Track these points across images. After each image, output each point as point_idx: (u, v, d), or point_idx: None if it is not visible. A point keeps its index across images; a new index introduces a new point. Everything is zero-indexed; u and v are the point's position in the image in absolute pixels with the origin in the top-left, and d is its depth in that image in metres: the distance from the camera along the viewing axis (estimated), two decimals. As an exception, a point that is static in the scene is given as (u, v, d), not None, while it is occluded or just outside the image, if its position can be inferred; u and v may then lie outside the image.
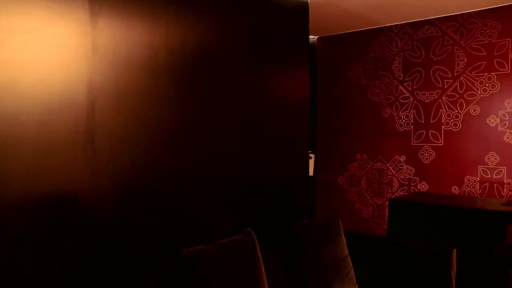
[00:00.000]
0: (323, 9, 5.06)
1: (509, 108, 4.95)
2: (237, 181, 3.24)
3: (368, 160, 6.00)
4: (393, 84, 5.77)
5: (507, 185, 4.97)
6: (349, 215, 6.14)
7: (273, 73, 3.69)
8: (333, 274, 2.85)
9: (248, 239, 2.49)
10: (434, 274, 2.88)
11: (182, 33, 2.86)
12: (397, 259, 3.05)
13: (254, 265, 2.41)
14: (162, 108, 2.73)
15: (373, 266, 3.12)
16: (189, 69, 2.91)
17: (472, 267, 3.71)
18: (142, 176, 2.62)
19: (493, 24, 5.05)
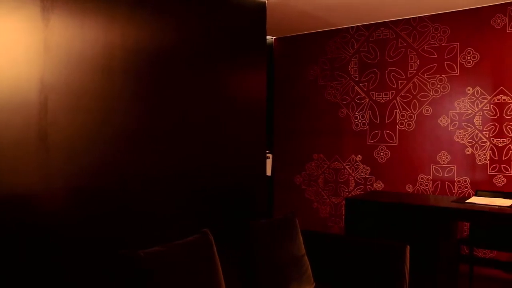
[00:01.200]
0: (280, 10, 5.10)
1: (458, 109, 5.12)
2: (194, 181, 3.22)
3: (325, 160, 6.08)
4: (349, 84, 5.87)
5: (457, 183, 5.14)
6: (307, 215, 6.20)
7: (230, 73, 3.69)
8: (290, 273, 2.87)
9: (205, 239, 2.47)
10: (389, 270, 2.95)
11: (138, 32, 2.82)
12: (353, 256, 3.10)
13: (211, 266, 2.40)
14: (118, 108, 2.68)
15: (330, 264, 3.16)
16: (146, 69, 2.87)
17: (424, 262, 3.81)
18: (97, 177, 2.57)
19: (443, 28, 5.22)
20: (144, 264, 2.10)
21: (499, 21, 4.90)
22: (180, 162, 3.12)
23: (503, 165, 4.89)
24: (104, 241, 2.59)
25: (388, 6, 5.03)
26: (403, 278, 2.92)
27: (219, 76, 3.54)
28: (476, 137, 5.02)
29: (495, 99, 4.93)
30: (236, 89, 3.76)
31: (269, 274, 2.79)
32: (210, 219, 3.29)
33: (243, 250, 2.86)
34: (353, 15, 5.39)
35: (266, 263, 2.81)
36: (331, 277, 3.14)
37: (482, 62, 5.00)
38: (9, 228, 2.17)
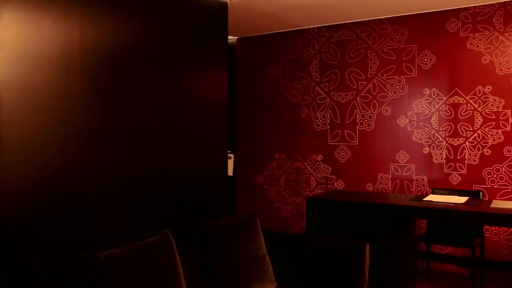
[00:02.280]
0: (242, 10, 5.10)
1: (416, 109, 5.25)
2: (155, 182, 3.18)
3: (287, 160, 6.12)
4: (310, 85, 5.93)
5: (416, 181, 5.27)
6: (269, 214, 6.23)
7: (192, 73, 3.66)
8: (252, 273, 2.87)
9: (165, 241, 2.44)
10: (349, 268, 2.99)
11: (97, 30, 2.76)
12: (314, 255, 3.12)
13: (172, 267, 2.37)
14: (77, 108, 2.62)
15: (291, 263, 3.18)
16: (106, 68, 2.82)
17: (384, 260, 3.89)
18: (55, 176, 2.50)
19: (401, 30, 5.34)
20: (104, 266, 2.06)
21: (453, 25, 5.05)
22: (141, 162, 3.07)
23: (458, 164, 5.04)
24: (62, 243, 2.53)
25: (349, 8, 5.10)
26: (363, 276, 2.96)
27: (180, 76, 3.50)
28: (433, 137, 5.15)
29: (450, 100, 5.07)
30: (197, 89, 3.73)
31: (229, 274, 2.78)
32: (171, 220, 3.25)
33: (204, 251, 2.84)
34: (314, 16, 5.44)
35: (227, 263, 2.80)
36: (292, 276, 3.16)
37: (438, 64, 5.14)
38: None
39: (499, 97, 4.84)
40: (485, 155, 4.92)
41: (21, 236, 2.34)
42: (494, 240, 4.90)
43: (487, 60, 4.89)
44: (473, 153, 4.97)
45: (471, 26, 4.97)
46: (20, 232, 2.34)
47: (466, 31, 5.00)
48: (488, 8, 4.89)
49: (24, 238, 2.35)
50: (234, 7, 4.81)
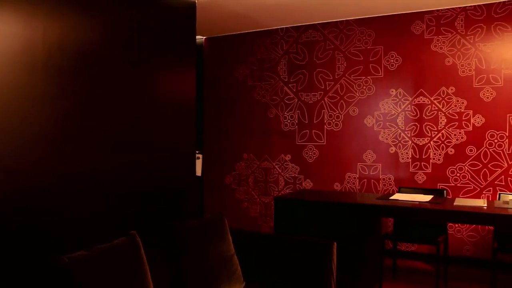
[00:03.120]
0: (210, 10, 5.08)
1: (383, 109, 5.33)
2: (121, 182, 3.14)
3: (255, 160, 6.13)
4: (279, 85, 5.95)
5: (382, 180, 5.36)
6: (238, 214, 6.22)
7: (159, 72, 3.63)
8: (220, 273, 2.86)
9: (132, 242, 2.41)
10: (317, 266, 3.01)
11: (62, 28, 2.70)
12: (282, 254, 3.13)
13: (139, 269, 2.34)
14: (40, 107, 2.56)
15: (259, 263, 3.18)
16: (71, 67, 2.76)
17: (351, 258, 3.93)
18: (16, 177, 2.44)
19: (368, 32, 5.42)
20: (69, 269, 2.02)
21: (418, 28, 5.16)
22: (108, 163, 3.03)
23: (423, 163, 5.14)
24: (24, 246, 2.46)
25: (317, 9, 5.14)
26: (331, 274, 2.99)
27: (147, 75, 3.47)
28: (399, 136, 5.25)
29: (415, 101, 5.17)
30: (164, 88, 3.70)
31: (197, 274, 2.77)
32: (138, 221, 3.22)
33: (172, 252, 2.82)
34: (283, 16, 5.47)
35: (195, 264, 2.78)
36: (261, 275, 3.16)
37: (404, 65, 5.24)
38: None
39: (461, 98, 4.96)
40: (449, 154, 5.03)
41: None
42: (457, 237, 5.02)
43: (450, 62, 5.01)
44: (437, 152, 5.08)
45: (435, 29, 5.08)
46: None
47: (430, 33, 5.11)
48: (450, 12, 5.01)
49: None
50: (202, 6, 4.79)
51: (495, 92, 4.83)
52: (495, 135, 4.83)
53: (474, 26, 4.92)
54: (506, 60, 4.79)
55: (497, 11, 4.83)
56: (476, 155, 4.92)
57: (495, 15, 4.83)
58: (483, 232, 4.93)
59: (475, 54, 4.91)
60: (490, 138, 4.86)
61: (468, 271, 4.89)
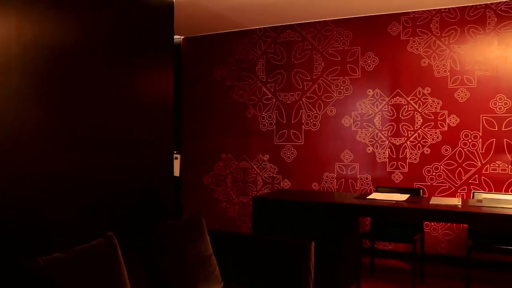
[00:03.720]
0: (188, 9, 5.06)
1: (360, 109, 5.38)
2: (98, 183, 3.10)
3: (233, 160, 6.13)
4: (257, 85, 5.96)
5: (360, 180, 5.40)
6: (216, 214, 6.21)
7: (136, 72, 3.59)
8: (198, 274, 2.85)
9: (109, 243, 2.38)
10: (295, 266, 3.02)
11: (37, 27, 2.66)
12: (260, 254, 3.14)
13: (116, 271, 2.31)
14: (14, 108, 2.51)
15: (238, 263, 3.18)
16: (47, 67, 2.72)
17: (329, 257, 3.96)
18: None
19: (346, 32, 5.46)
20: (44, 272, 1.98)
21: (394, 29, 5.22)
22: (83, 163, 2.99)
23: (400, 163, 5.20)
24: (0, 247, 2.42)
25: (294, 9, 5.16)
26: (308, 274, 3.01)
27: (124, 75, 3.43)
28: (376, 136, 5.30)
29: (392, 101, 5.23)
30: (142, 88, 3.67)
31: (176, 275, 2.76)
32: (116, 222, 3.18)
33: (149, 252, 2.80)
34: (261, 17, 5.48)
35: (172, 264, 2.77)
36: (239, 275, 3.17)
37: (381, 66, 5.30)
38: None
39: (437, 98, 5.03)
40: (425, 154, 5.11)
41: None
42: (433, 235, 5.10)
43: (426, 63, 5.08)
44: (414, 152, 5.15)
45: (411, 30, 5.15)
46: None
47: (406, 34, 5.17)
48: (426, 13, 5.09)
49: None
50: (181, 6, 4.77)
51: (469, 93, 4.91)
52: (469, 135, 4.92)
53: (449, 28, 5.00)
54: (479, 62, 4.88)
55: (470, 14, 4.92)
56: (451, 155, 5.00)
57: (468, 18, 4.92)
58: (458, 230, 5.01)
59: (449, 56, 4.99)
60: (465, 138, 4.94)
61: (443, 268, 4.97)
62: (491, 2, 4.84)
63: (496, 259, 4.85)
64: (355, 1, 4.88)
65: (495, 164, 4.84)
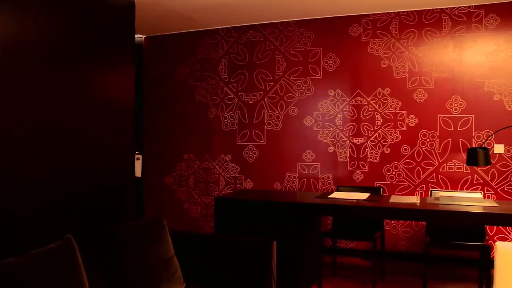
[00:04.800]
0: (150, 8, 5.00)
1: (321, 109, 5.44)
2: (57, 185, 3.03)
3: (195, 160, 6.09)
4: (219, 85, 5.94)
5: (321, 179, 5.46)
6: (178, 215, 6.16)
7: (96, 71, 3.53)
8: (159, 275, 2.82)
9: (68, 246, 2.32)
10: (257, 266, 3.03)
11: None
12: (223, 255, 3.13)
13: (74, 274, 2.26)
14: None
15: (200, 263, 3.16)
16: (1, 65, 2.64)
17: (291, 256, 3.99)
18: None
19: (307, 33, 5.51)
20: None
21: (355, 30, 5.30)
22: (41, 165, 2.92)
23: (361, 162, 5.29)
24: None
25: (257, 9, 5.17)
26: (270, 273, 3.02)
27: (84, 74, 3.37)
28: (338, 136, 5.37)
29: (353, 101, 5.31)
30: (102, 87, 3.60)
31: (136, 277, 2.72)
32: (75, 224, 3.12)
33: (109, 255, 2.75)
34: (223, 17, 5.46)
35: (133, 266, 2.73)
36: (201, 276, 3.15)
37: (342, 67, 5.37)
38: None
39: (396, 99, 5.14)
40: (385, 153, 5.20)
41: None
42: (393, 233, 5.20)
43: (386, 64, 5.19)
44: (374, 151, 5.24)
45: (371, 32, 5.24)
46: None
47: (367, 36, 5.26)
48: (385, 16, 5.19)
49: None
50: (142, 5, 4.71)
51: (427, 93, 5.04)
52: (427, 135, 5.04)
53: (407, 31, 5.11)
54: (436, 64, 5.01)
55: (427, 18, 5.05)
56: (410, 154, 5.11)
57: (426, 21, 5.05)
58: (416, 228, 5.13)
59: (408, 57, 5.11)
60: (423, 137, 5.06)
61: (403, 265, 5.07)
62: (446, 7, 4.98)
63: (453, 255, 4.99)
64: (317, 3, 4.93)
65: (452, 163, 4.98)
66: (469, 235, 4.26)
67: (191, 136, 6.11)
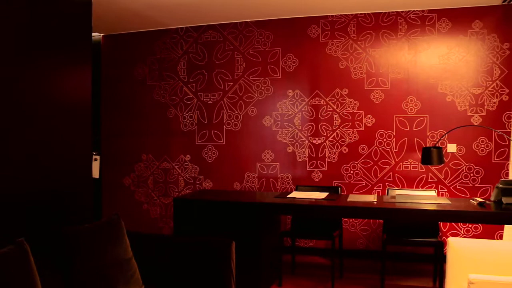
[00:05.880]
0: (108, 6, 4.92)
1: (280, 110, 5.47)
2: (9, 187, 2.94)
3: (154, 160, 6.02)
4: (178, 85, 5.90)
5: (281, 179, 5.49)
6: (137, 216, 6.08)
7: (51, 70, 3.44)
8: (117, 278, 2.77)
9: (20, 250, 2.25)
10: (216, 266, 3.02)
11: None
12: (181, 255, 3.10)
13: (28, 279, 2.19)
14: None
15: (159, 265, 3.13)
16: None
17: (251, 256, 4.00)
18: None
19: (267, 34, 5.54)
20: None
21: (314, 31, 5.36)
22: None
23: (319, 162, 5.35)
24: None
25: (216, 9, 5.16)
26: (230, 273, 3.02)
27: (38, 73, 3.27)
28: (296, 136, 5.42)
29: (312, 102, 5.37)
30: (58, 87, 3.52)
31: (92, 280, 2.67)
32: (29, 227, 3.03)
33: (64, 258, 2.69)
34: (182, 16, 5.42)
35: (89, 269, 2.68)
36: (161, 278, 3.12)
37: (300, 67, 5.42)
38: None
39: (354, 99, 5.23)
40: (343, 153, 5.28)
41: None
42: (352, 231, 5.28)
43: (344, 65, 5.26)
44: (332, 151, 5.31)
45: (329, 33, 5.31)
46: None
47: (325, 37, 5.33)
48: (343, 18, 5.27)
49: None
50: (99, 2, 4.62)
51: (384, 94, 5.14)
52: (384, 135, 5.15)
53: (365, 32, 5.21)
54: (392, 65, 5.12)
55: (384, 20, 5.15)
56: (367, 153, 5.21)
57: (382, 24, 5.16)
58: (374, 226, 5.23)
59: (365, 59, 5.20)
60: (380, 137, 5.17)
61: (361, 262, 5.16)
62: (401, 10, 5.10)
63: (410, 251, 5.11)
64: (276, 3, 4.96)
65: (407, 162, 5.10)
66: (424, 232, 4.37)
67: (150, 136, 6.04)
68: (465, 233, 4.98)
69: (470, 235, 4.95)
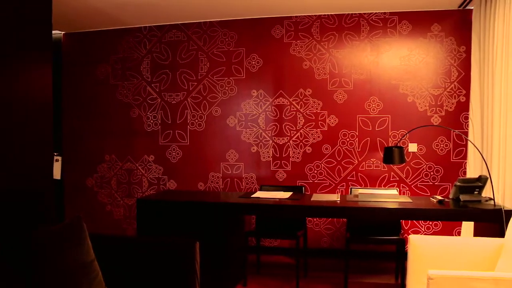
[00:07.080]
0: (69, 3, 4.82)
1: (245, 110, 5.48)
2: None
3: (117, 161, 5.94)
4: (142, 85, 5.83)
5: (245, 179, 5.50)
6: (101, 218, 5.98)
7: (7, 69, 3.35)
8: (79, 281, 2.73)
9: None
10: (180, 266, 3.00)
11: None
12: (145, 257, 3.07)
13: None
14: None
15: (123, 267, 3.09)
16: None
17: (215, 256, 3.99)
18: None
19: (231, 34, 5.54)
20: None
21: (278, 32, 5.39)
22: None
23: (283, 162, 5.38)
24: None
25: (180, 9, 5.13)
26: (194, 274, 3.01)
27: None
28: (261, 136, 5.44)
29: (275, 102, 5.40)
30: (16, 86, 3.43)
31: (54, 283, 2.61)
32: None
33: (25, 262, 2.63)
34: (146, 15, 5.37)
35: (50, 273, 2.62)
36: (124, 279, 3.09)
37: (265, 67, 5.44)
38: None
39: (317, 100, 5.28)
40: (306, 152, 5.33)
41: None
42: (316, 230, 5.34)
43: (307, 65, 5.31)
44: (296, 151, 5.36)
45: (293, 34, 5.35)
46: None
47: (289, 38, 5.36)
48: (307, 18, 5.32)
49: None
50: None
51: (347, 94, 5.22)
52: (347, 134, 5.22)
53: (328, 33, 5.27)
54: (355, 66, 5.20)
55: (347, 22, 5.23)
56: (331, 153, 5.27)
57: (345, 25, 5.23)
58: (338, 224, 5.30)
59: (329, 59, 5.26)
60: (343, 137, 5.24)
61: (325, 261, 5.22)
62: (364, 12, 5.18)
63: (373, 249, 5.20)
64: (240, 3, 4.96)
65: (370, 161, 5.19)
66: (386, 230, 4.46)
67: (113, 136, 5.95)
68: (425, 230, 5.10)
69: (431, 232, 5.08)
